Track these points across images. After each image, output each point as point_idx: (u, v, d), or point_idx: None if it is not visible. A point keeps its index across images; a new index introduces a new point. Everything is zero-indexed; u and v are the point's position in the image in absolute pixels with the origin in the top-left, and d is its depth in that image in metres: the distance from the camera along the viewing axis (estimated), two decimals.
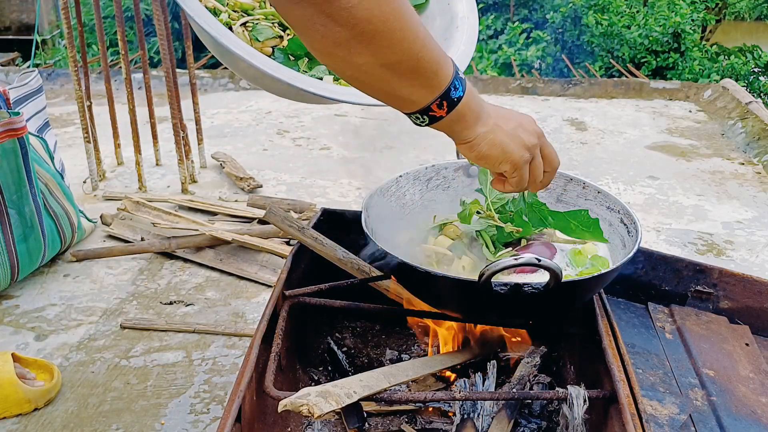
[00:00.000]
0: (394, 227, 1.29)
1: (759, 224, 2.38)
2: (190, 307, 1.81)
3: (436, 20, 1.27)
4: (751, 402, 1.26)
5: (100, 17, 2.47)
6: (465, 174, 1.40)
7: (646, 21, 6.39)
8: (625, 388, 1.00)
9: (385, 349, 1.46)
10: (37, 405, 1.41)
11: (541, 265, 0.94)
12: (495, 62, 6.73)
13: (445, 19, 1.26)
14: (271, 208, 1.33)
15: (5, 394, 1.37)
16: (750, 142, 3.18)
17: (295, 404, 0.90)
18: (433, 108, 0.84)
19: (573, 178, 1.35)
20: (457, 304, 1.13)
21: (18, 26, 7.36)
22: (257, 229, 2.08)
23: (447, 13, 1.26)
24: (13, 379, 1.38)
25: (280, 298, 1.23)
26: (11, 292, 1.85)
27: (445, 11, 1.26)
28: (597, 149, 3.15)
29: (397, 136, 3.28)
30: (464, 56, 1.19)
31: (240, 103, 3.80)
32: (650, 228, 2.33)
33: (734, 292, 1.53)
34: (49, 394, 1.43)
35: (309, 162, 2.90)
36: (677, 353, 1.40)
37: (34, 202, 1.79)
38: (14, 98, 2.00)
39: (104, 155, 2.69)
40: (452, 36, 1.23)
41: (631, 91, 4.11)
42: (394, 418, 1.26)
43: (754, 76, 6.36)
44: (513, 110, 0.95)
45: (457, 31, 1.23)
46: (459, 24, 1.23)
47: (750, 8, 9.24)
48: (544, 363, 1.32)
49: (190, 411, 1.41)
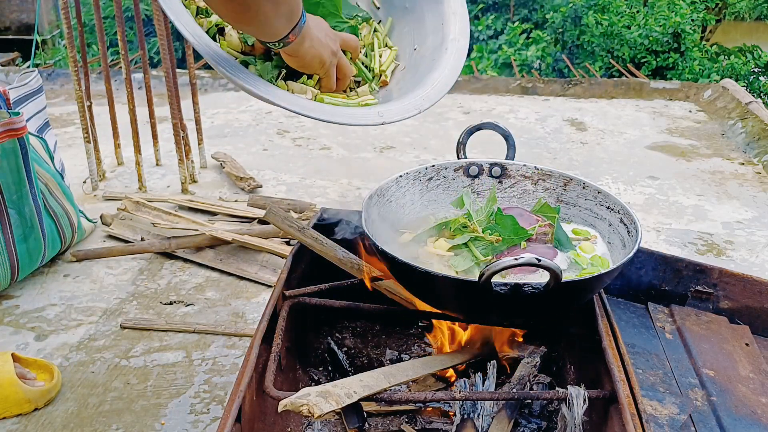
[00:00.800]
0: (394, 227, 1.29)
1: (759, 224, 2.38)
2: (190, 307, 1.81)
3: (429, 38, 1.26)
4: (751, 402, 1.26)
5: (100, 17, 2.47)
6: (465, 174, 1.40)
7: (646, 21, 6.39)
8: (625, 388, 1.00)
9: (385, 349, 1.46)
10: (37, 405, 1.41)
11: (541, 265, 0.94)
12: (495, 62, 6.73)
13: (437, 38, 1.25)
14: (271, 208, 1.33)
15: (5, 395, 1.37)
16: (750, 142, 3.18)
17: (295, 404, 0.90)
18: (290, 37, 1.00)
19: (573, 179, 1.35)
20: (457, 304, 1.13)
21: (18, 26, 7.36)
22: (257, 229, 2.08)
23: (439, 32, 1.25)
24: (13, 379, 1.38)
25: (280, 298, 1.23)
26: (11, 292, 1.85)
27: (438, 30, 1.25)
28: (597, 149, 3.15)
29: (397, 136, 3.29)
30: (447, 79, 1.18)
31: (240, 103, 3.80)
32: (650, 228, 2.33)
33: (734, 292, 1.53)
34: (49, 394, 1.43)
35: (309, 162, 2.90)
36: (677, 353, 1.40)
37: (34, 202, 1.79)
38: (14, 98, 2.00)
39: (104, 155, 2.69)
40: (440, 57, 1.22)
41: (631, 91, 4.11)
42: (394, 418, 1.26)
43: (754, 76, 6.37)
44: (318, 18, 1.10)
45: (445, 54, 1.22)
46: (448, 46, 1.22)
47: (750, 8, 9.25)
48: (544, 363, 1.32)
49: (190, 411, 1.41)
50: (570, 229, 1.28)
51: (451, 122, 3.55)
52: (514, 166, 1.40)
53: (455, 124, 3.50)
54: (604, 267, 1.15)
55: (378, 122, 1.09)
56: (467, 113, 3.73)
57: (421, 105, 1.14)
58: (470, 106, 3.86)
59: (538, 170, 1.39)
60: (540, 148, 3.16)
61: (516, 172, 1.40)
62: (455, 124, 3.52)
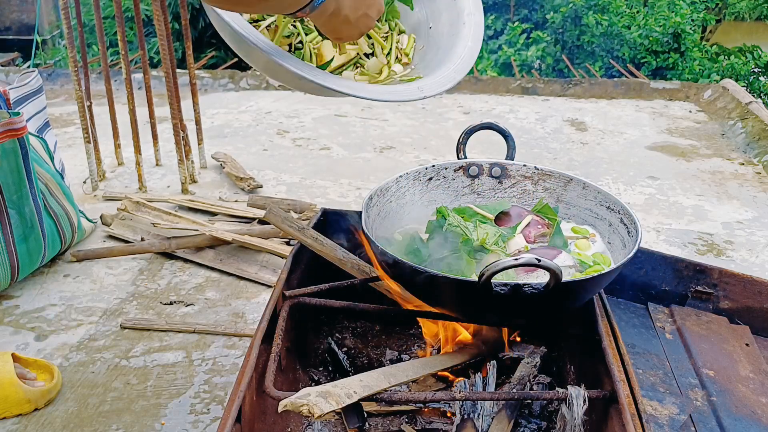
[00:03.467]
0: (394, 227, 1.30)
1: (759, 224, 2.38)
2: (190, 307, 1.81)
3: (443, 15, 1.29)
4: (751, 402, 1.26)
5: (100, 17, 2.47)
6: (465, 174, 1.40)
7: (646, 21, 6.40)
8: (625, 388, 1.00)
9: (385, 349, 1.46)
10: (37, 405, 1.41)
11: (541, 265, 0.94)
12: (495, 62, 6.74)
13: (452, 14, 1.28)
14: (271, 208, 1.33)
15: (5, 395, 1.37)
16: (750, 142, 3.18)
17: (295, 404, 0.90)
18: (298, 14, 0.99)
19: (573, 179, 1.35)
20: (457, 304, 1.13)
21: (18, 26, 7.37)
22: (257, 229, 2.08)
23: (453, 9, 1.28)
24: (13, 380, 1.37)
25: (280, 298, 1.23)
26: (11, 292, 1.85)
27: (452, 7, 1.28)
28: (597, 149, 3.15)
29: (397, 136, 3.29)
30: (472, 52, 1.21)
31: (240, 103, 3.80)
32: (650, 228, 2.33)
33: (734, 292, 1.53)
34: (49, 395, 1.43)
35: (309, 162, 2.90)
36: (677, 353, 1.40)
37: (34, 203, 1.79)
38: (14, 98, 2.00)
39: (104, 155, 2.69)
40: (459, 31, 1.24)
41: (631, 92, 4.11)
42: (394, 418, 1.26)
43: (754, 76, 6.37)
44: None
45: (464, 27, 1.25)
46: (466, 20, 1.25)
47: (750, 8, 9.25)
48: (544, 363, 1.32)
49: (190, 411, 1.41)
50: (569, 228, 1.29)
51: (451, 122, 3.55)
52: (514, 166, 1.40)
53: (455, 124, 3.51)
54: (607, 265, 1.15)
55: (420, 96, 1.11)
56: (467, 113, 3.73)
57: (455, 77, 1.17)
58: (470, 106, 3.86)
59: (538, 170, 1.39)
60: (540, 148, 3.16)
61: (516, 173, 1.40)
62: (455, 124, 3.52)
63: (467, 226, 1.22)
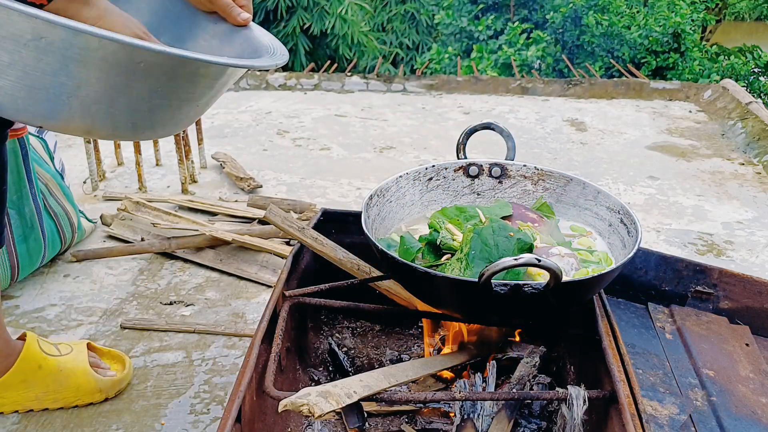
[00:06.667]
0: (394, 227, 1.30)
1: (759, 224, 2.38)
2: (190, 307, 1.81)
3: None
4: (751, 402, 1.26)
5: None
6: (465, 174, 1.40)
7: (646, 21, 6.40)
8: (625, 388, 1.00)
9: (385, 349, 1.47)
10: (108, 395, 1.40)
11: (541, 265, 0.94)
12: (495, 62, 6.74)
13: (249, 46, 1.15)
14: (271, 209, 1.33)
15: (78, 383, 1.36)
16: (750, 142, 3.18)
17: (295, 404, 0.90)
18: None
19: (573, 179, 1.35)
20: (457, 304, 1.13)
21: None
22: (257, 229, 2.08)
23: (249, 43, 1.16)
24: (86, 369, 1.37)
25: (280, 298, 1.23)
26: (11, 293, 1.85)
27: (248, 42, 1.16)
28: (597, 150, 3.15)
29: (397, 136, 3.29)
30: (273, 41, 1.11)
31: (240, 103, 3.80)
32: (650, 228, 2.33)
33: (734, 292, 1.53)
34: (120, 385, 1.42)
35: (309, 162, 2.90)
36: (677, 353, 1.40)
37: (34, 203, 1.79)
38: None
39: (104, 155, 2.69)
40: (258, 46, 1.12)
41: (631, 92, 4.11)
42: (394, 418, 1.26)
43: (754, 77, 6.37)
44: None
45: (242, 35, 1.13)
46: None
47: (750, 8, 9.26)
48: (544, 363, 1.32)
49: (190, 411, 1.41)
50: (568, 227, 1.29)
51: (451, 122, 3.55)
52: (514, 166, 1.40)
53: (455, 125, 3.51)
54: (608, 264, 1.15)
55: None
56: (467, 113, 3.73)
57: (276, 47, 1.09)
58: (470, 107, 3.86)
59: (538, 170, 1.39)
60: (540, 148, 3.16)
61: (516, 173, 1.40)
62: (455, 124, 3.52)
63: None
